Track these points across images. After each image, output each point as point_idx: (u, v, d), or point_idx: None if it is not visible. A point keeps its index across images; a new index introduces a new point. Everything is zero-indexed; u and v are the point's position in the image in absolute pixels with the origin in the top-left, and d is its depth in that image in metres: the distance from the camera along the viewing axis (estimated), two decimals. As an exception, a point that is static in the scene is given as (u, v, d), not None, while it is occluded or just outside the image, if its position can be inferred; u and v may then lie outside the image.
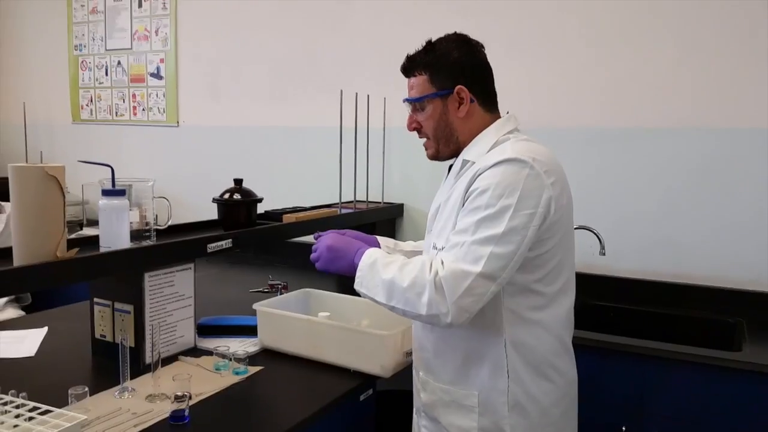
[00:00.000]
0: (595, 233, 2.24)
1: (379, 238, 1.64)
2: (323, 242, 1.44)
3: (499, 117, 1.42)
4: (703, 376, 1.77)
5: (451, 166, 1.46)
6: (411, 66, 1.40)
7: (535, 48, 2.50)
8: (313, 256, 1.46)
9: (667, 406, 1.82)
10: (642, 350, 1.84)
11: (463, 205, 1.30)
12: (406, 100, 1.42)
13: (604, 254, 2.23)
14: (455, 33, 1.41)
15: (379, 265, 1.31)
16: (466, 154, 1.39)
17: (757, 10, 2.16)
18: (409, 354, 1.65)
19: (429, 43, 1.40)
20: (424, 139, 1.44)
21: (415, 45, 1.42)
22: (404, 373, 1.64)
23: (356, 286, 1.35)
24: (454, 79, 1.36)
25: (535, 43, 2.50)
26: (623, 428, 1.85)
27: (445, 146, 1.41)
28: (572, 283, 1.40)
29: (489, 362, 1.33)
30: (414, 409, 1.54)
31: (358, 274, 1.34)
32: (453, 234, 1.28)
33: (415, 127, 1.43)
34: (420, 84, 1.38)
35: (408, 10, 2.71)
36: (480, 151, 1.36)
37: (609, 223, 2.35)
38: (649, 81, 2.33)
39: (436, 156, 1.44)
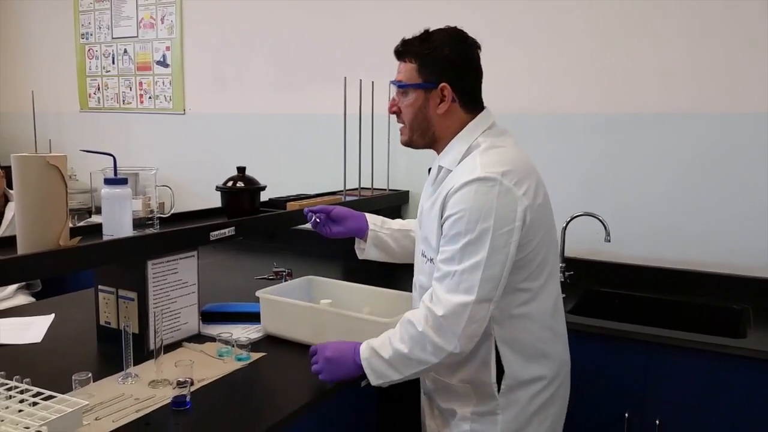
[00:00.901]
0: (600, 220, 2.23)
1: (367, 216, 1.68)
2: (322, 355, 1.42)
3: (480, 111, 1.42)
4: (708, 362, 1.76)
5: (431, 168, 1.48)
6: (403, 51, 1.40)
7: (539, 35, 2.47)
8: (314, 368, 1.44)
9: (671, 393, 1.82)
10: (646, 337, 1.84)
11: (441, 224, 1.32)
12: (392, 82, 1.43)
13: (609, 241, 2.22)
14: (453, 28, 1.41)
15: (377, 350, 1.34)
16: (442, 160, 1.41)
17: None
18: (411, 341, 1.66)
19: (426, 32, 1.39)
20: (401, 125, 1.45)
21: (418, 31, 1.41)
22: (405, 359, 1.64)
23: (374, 383, 1.36)
24: (440, 74, 1.36)
25: (539, 29, 2.47)
26: (626, 415, 1.85)
27: (420, 137, 1.42)
28: (557, 272, 1.45)
29: (479, 358, 1.37)
30: (423, 391, 1.60)
31: (367, 371, 1.35)
32: (441, 262, 1.30)
33: (395, 111, 1.44)
34: (408, 71, 1.39)
35: (412, -4, 2.69)
36: (454, 158, 1.37)
37: (614, 209, 2.34)
38: (653, 67, 2.30)
39: (408, 143, 1.45)
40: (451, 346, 1.25)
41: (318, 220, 1.67)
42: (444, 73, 1.36)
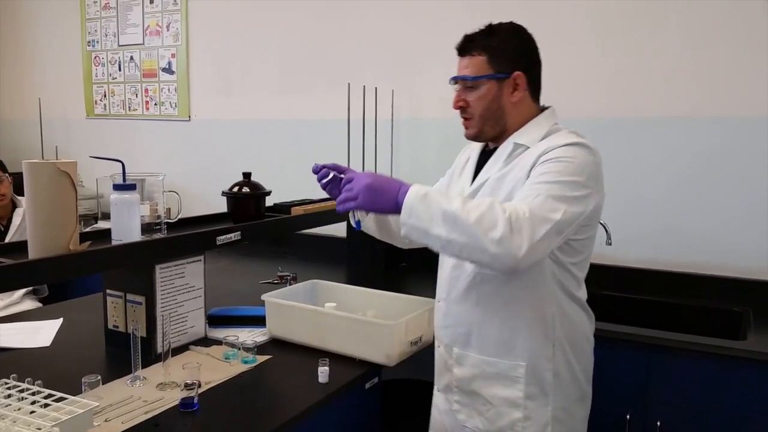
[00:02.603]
0: (601, 223, 2.24)
1: None
2: (361, 182, 1.33)
3: (541, 108, 1.47)
4: (708, 365, 1.78)
5: (486, 150, 1.49)
6: (469, 46, 1.41)
7: (541, 39, 2.48)
8: (347, 194, 1.34)
9: (671, 395, 1.83)
10: (647, 339, 1.86)
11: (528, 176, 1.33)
12: (461, 78, 1.42)
13: (610, 244, 2.24)
14: (511, 22, 1.45)
15: (434, 197, 1.26)
16: (518, 138, 1.41)
17: (763, -2, 2.15)
18: (414, 343, 1.68)
19: (489, 26, 1.42)
20: (467, 118, 1.44)
21: (422, 38, 1.45)
22: (408, 362, 1.67)
23: (403, 219, 1.27)
24: (512, 64, 1.40)
25: (540, 34, 2.47)
26: (628, 416, 1.87)
27: (492, 128, 1.43)
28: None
29: (538, 332, 1.39)
30: (437, 388, 1.56)
31: (405, 206, 1.27)
32: (526, 187, 1.29)
33: (462, 105, 1.43)
34: (477, 64, 1.40)
35: (415, 4, 2.71)
36: (534, 137, 1.40)
37: (615, 213, 2.34)
38: (653, 71, 2.32)
39: (477, 136, 1.45)
40: (518, 248, 1.19)
41: (337, 175, 1.47)
42: (516, 63, 1.40)
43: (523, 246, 1.20)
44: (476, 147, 1.54)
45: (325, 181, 1.50)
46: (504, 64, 1.39)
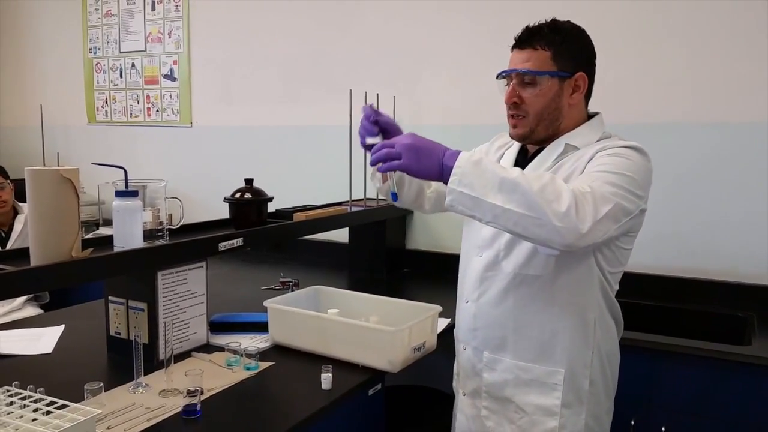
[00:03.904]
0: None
1: None
2: (402, 141, 1.23)
3: (589, 113, 1.44)
4: (713, 370, 1.77)
5: (523, 151, 1.46)
6: (532, 39, 1.35)
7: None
8: (389, 152, 1.23)
9: (676, 400, 1.83)
10: (651, 345, 1.85)
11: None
12: (520, 71, 1.34)
13: (613, 249, 2.24)
14: (571, 21, 1.40)
15: (488, 163, 1.18)
16: (570, 139, 1.37)
17: (759, 6, 2.15)
18: (417, 349, 1.67)
19: (554, 21, 1.37)
20: (519, 116, 1.37)
21: (424, 45, 1.42)
22: (411, 368, 1.66)
23: (452, 185, 1.18)
24: (576, 64, 1.35)
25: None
26: (632, 422, 1.86)
27: (545, 129, 1.37)
28: None
29: (579, 337, 1.36)
30: (463, 392, 1.52)
31: (456, 171, 1.17)
32: (583, 176, 1.26)
33: (515, 101, 1.36)
34: (540, 59, 1.34)
35: (416, 11, 2.72)
36: (587, 140, 1.36)
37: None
38: (652, 77, 2.33)
39: (527, 136, 1.39)
40: (583, 222, 1.13)
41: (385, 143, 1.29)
42: (579, 64, 1.36)
43: (587, 221, 1.13)
44: (511, 146, 1.49)
45: (374, 144, 1.31)
46: (567, 63, 1.34)
